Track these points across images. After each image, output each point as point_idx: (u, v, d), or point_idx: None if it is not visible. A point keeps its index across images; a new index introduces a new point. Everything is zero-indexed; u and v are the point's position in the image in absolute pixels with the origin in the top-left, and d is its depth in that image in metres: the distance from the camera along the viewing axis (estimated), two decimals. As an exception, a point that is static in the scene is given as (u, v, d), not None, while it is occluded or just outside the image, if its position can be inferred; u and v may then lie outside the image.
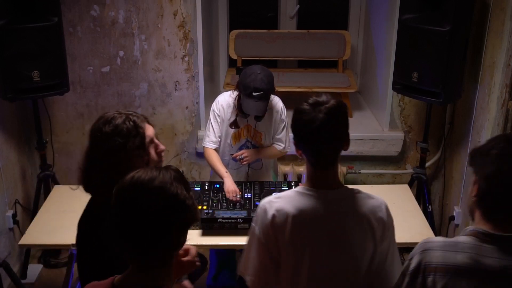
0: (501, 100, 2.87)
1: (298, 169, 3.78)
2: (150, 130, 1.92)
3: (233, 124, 2.94)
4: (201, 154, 3.72)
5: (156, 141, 1.94)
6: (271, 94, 2.85)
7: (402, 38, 3.13)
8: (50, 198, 3.12)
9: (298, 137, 1.77)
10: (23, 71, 2.99)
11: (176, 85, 3.66)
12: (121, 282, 1.43)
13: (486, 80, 3.05)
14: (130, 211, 1.37)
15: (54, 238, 2.72)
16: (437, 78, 2.99)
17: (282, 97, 3.06)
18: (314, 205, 1.75)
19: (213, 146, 2.97)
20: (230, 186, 2.84)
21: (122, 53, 3.58)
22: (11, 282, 2.93)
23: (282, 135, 3.01)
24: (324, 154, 1.75)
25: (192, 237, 2.42)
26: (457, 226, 3.44)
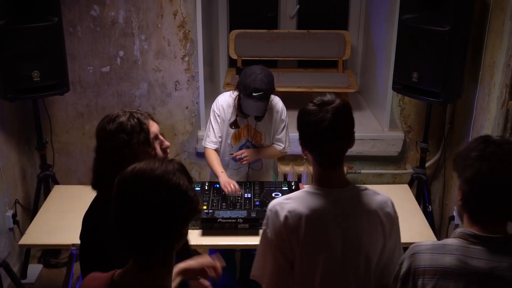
0: (501, 100, 2.87)
1: (298, 169, 3.78)
2: (154, 126, 1.93)
3: (233, 124, 2.94)
4: (201, 154, 3.72)
5: (161, 137, 1.96)
6: (271, 94, 2.85)
7: (402, 38, 3.14)
8: (50, 198, 3.12)
9: (306, 137, 1.76)
10: (23, 71, 2.99)
11: (176, 85, 3.66)
12: (120, 278, 1.41)
13: (486, 80, 3.05)
14: (131, 202, 1.33)
15: (54, 238, 2.72)
16: (437, 78, 2.99)
17: (282, 97, 3.06)
18: (325, 204, 1.75)
19: (213, 147, 2.97)
20: (225, 180, 2.84)
21: (122, 53, 3.58)
22: (11, 282, 2.93)
23: (282, 135, 3.01)
24: (332, 153, 1.75)
25: (192, 237, 2.43)
26: (457, 226, 3.43)
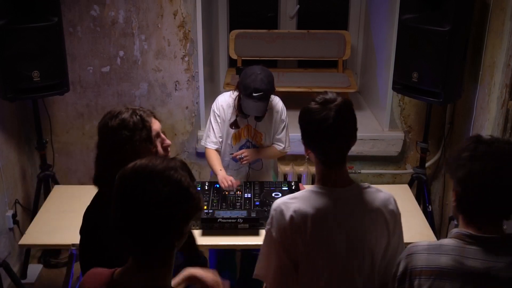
0: (501, 100, 2.87)
1: (298, 169, 3.78)
2: (156, 124, 1.95)
3: (233, 124, 2.94)
4: (201, 154, 3.72)
5: (162, 135, 1.97)
6: (271, 95, 2.85)
7: (402, 38, 3.14)
8: (50, 198, 3.12)
9: (310, 136, 1.75)
10: (23, 71, 2.99)
11: (176, 85, 3.66)
12: (120, 276, 1.41)
13: (486, 80, 3.05)
14: (132, 198, 1.31)
15: (54, 238, 2.72)
16: (437, 78, 2.99)
17: (282, 97, 3.06)
18: (330, 203, 1.74)
19: (213, 147, 2.97)
20: (222, 176, 2.84)
21: (122, 53, 3.57)
22: (11, 282, 2.93)
23: (282, 135, 3.01)
24: (336, 151, 1.74)
25: (192, 237, 2.42)
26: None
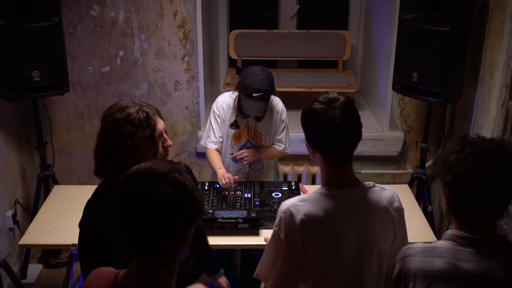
0: (501, 100, 2.87)
1: (298, 169, 3.78)
2: (161, 124, 1.95)
3: (233, 124, 2.94)
4: (201, 154, 3.72)
5: (165, 135, 1.97)
6: (271, 95, 2.85)
7: (402, 38, 3.13)
8: (50, 198, 3.12)
9: (317, 137, 1.73)
10: (23, 71, 2.99)
11: (176, 85, 3.66)
12: (124, 278, 1.41)
13: (486, 80, 3.05)
14: (135, 199, 1.31)
15: (54, 238, 2.72)
16: (437, 78, 2.99)
17: (282, 97, 3.06)
18: (340, 205, 1.74)
19: (214, 147, 2.97)
20: (221, 173, 2.84)
21: (122, 53, 3.57)
22: (11, 282, 2.93)
23: (282, 136, 3.01)
24: (344, 150, 1.74)
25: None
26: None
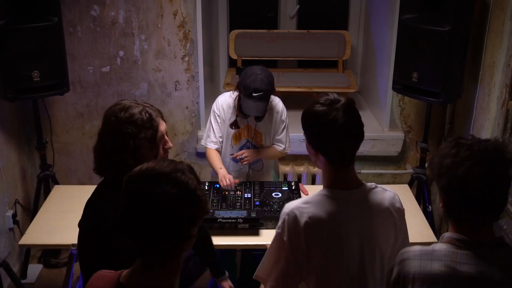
0: (501, 100, 2.87)
1: (298, 169, 3.78)
2: (163, 126, 1.96)
3: (233, 124, 2.94)
4: (201, 154, 3.72)
5: (166, 137, 1.98)
6: (271, 95, 2.85)
7: (402, 38, 3.14)
8: (50, 198, 3.12)
9: (320, 139, 1.72)
10: (23, 71, 2.99)
11: (176, 85, 3.66)
12: (127, 278, 1.41)
13: (486, 80, 3.05)
14: (139, 200, 1.31)
15: (54, 238, 2.72)
16: (437, 78, 2.99)
17: (282, 97, 3.06)
18: (344, 207, 1.74)
19: (214, 147, 2.98)
20: (222, 174, 2.84)
21: (122, 53, 3.57)
22: (11, 282, 2.93)
23: (282, 136, 3.01)
24: (346, 151, 1.73)
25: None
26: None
